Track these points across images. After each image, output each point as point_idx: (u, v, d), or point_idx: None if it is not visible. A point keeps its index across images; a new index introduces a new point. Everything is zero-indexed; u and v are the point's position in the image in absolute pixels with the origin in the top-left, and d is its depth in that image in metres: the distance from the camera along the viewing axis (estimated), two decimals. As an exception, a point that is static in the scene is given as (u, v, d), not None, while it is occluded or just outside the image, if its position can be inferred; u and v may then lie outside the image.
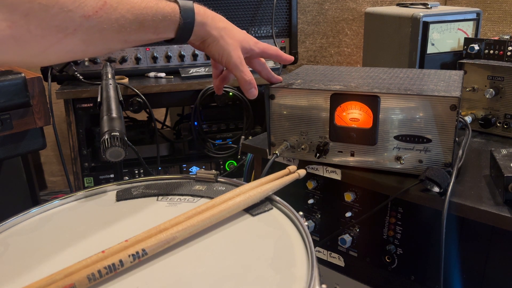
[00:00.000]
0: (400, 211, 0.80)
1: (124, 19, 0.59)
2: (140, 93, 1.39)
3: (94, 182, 1.49)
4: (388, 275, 0.85)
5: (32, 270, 0.52)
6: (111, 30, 0.58)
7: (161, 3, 0.64)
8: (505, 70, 0.96)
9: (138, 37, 0.63)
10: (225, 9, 1.52)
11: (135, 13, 0.60)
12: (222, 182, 0.73)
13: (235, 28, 0.75)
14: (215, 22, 0.72)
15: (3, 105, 1.01)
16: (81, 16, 0.54)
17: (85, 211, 0.66)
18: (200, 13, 0.69)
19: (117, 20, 0.58)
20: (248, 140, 1.01)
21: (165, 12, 0.64)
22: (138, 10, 0.61)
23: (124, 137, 0.75)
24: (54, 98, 1.35)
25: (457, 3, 1.80)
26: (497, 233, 0.70)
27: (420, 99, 0.74)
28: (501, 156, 0.75)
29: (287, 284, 0.48)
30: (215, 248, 0.55)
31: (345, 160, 0.83)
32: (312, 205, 0.93)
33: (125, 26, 0.59)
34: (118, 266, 0.49)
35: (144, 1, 0.62)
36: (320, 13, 1.94)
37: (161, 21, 0.64)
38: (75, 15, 0.54)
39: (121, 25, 0.59)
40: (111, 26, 0.58)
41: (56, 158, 2.10)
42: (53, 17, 0.52)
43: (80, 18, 0.54)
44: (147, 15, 0.62)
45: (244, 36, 0.76)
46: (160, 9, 0.64)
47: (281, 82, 0.84)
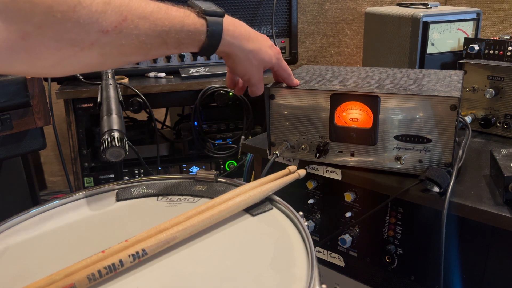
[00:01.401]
0: (400, 211, 0.80)
1: (145, 36, 0.56)
2: (140, 93, 1.38)
3: (94, 182, 1.49)
4: (388, 275, 0.85)
5: (32, 270, 0.52)
6: (131, 45, 0.55)
7: (188, 19, 0.61)
8: (505, 70, 0.96)
9: (160, 52, 0.60)
10: (225, 9, 1.51)
11: (158, 30, 0.57)
12: (222, 182, 0.73)
13: (263, 46, 0.72)
14: (243, 43, 0.69)
15: (3, 105, 1.01)
16: (98, 31, 0.51)
17: (85, 211, 0.66)
18: (229, 32, 0.66)
19: (138, 37, 0.55)
20: (248, 140, 1.01)
21: (191, 30, 0.61)
22: (161, 27, 0.57)
23: (124, 137, 0.75)
24: (54, 98, 1.35)
25: (457, 3, 1.80)
26: (497, 233, 0.70)
27: (420, 99, 0.74)
28: (501, 156, 0.75)
29: (287, 284, 0.48)
30: (215, 248, 0.55)
31: (345, 160, 0.83)
32: (312, 205, 0.93)
33: (146, 42, 0.57)
34: (118, 266, 0.49)
35: (169, 17, 0.58)
36: (320, 13, 1.94)
37: (185, 38, 0.61)
38: (92, 30, 0.51)
39: (142, 41, 0.56)
40: (130, 42, 0.55)
41: (56, 158, 2.10)
42: (69, 31, 0.49)
43: (97, 33, 0.51)
44: (171, 32, 0.59)
45: (270, 55, 0.74)
46: (186, 27, 0.60)
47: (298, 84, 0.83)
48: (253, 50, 0.71)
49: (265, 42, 0.74)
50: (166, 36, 0.58)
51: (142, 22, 0.55)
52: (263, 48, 0.72)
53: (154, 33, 0.57)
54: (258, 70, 0.73)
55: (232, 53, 0.69)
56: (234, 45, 0.68)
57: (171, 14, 0.59)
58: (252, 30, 0.72)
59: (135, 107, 1.39)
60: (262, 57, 0.72)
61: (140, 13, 0.55)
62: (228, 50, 0.68)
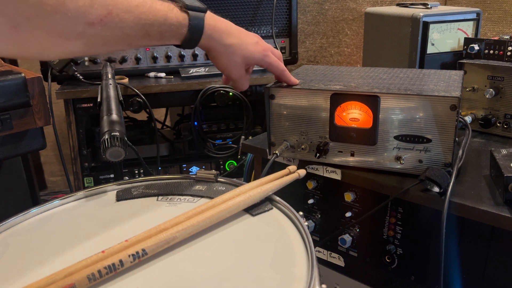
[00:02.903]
0: (400, 211, 0.80)
1: (129, 28, 0.58)
2: (140, 93, 1.38)
3: (94, 182, 1.49)
4: (388, 275, 0.85)
5: (32, 270, 0.52)
6: (115, 37, 0.58)
7: (171, 13, 0.63)
8: (505, 70, 0.96)
9: (142, 43, 0.63)
10: (225, 9, 1.52)
11: (141, 23, 0.59)
12: (222, 182, 0.73)
13: (243, 42, 0.73)
14: (223, 38, 0.70)
15: (3, 105, 1.01)
16: (85, 23, 0.54)
17: (85, 211, 0.66)
18: (209, 26, 0.68)
19: (122, 29, 0.58)
20: (248, 140, 1.01)
21: (173, 24, 0.63)
22: (145, 20, 0.60)
23: (124, 137, 0.75)
24: (54, 98, 1.35)
25: (457, 3, 1.80)
26: (497, 233, 0.70)
27: (420, 99, 0.74)
28: (501, 156, 0.75)
29: (287, 284, 0.48)
30: (215, 248, 0.55)
31: (345, 160, 0.83)
32: (312, 205, 0.93)
33: (130, 34, 0.59)
34: (118, 266, 0.49)
35: (153, 10, 0.60)
36: (320, 13, 1.94)
37: (167, 31, 0.63)
38: (79, 22, 0.53)
39: (126, 33, 0.58)
40: (115, 34, 0.57)
41: (56, 158, 2.10)
42: (57, 23, 0.52)
43: (83, 25, 0.54)
44: (154, 25, 0.61)
45: (252, 51, 0.74)
46: (169, 20, 0.63)
47: (298, 84, 0.83)
48: (232, 45, 0.71)
49: (248, 38, 0.74)
50: (149, 29, 0.61)
51: (127, 16, 0.57)
52: (243, 44, 0.73)
53: (138, 26, 0.59)
54: (238, 65, 0.74)
55: (212, 47, 0.71)
56: (214, 39, 0.70)
57: (155, 8, 0.61)
58: (236, 26, 0.73)
59: (135, 107, 1.39)
60: (242, 53, 0.73)
61: (125, 7, 0.57)
62: (208, 45, 0.70)
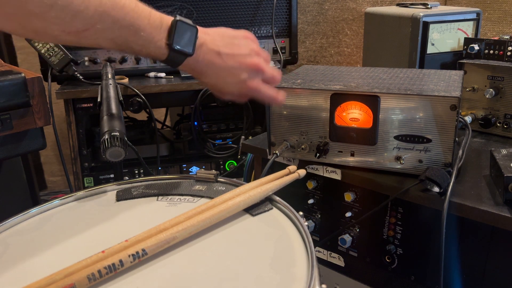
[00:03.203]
0: (400, 211, 0.80)
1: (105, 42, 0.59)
2: (140, 93, 1.38)
3: (94, 182, 1.49)
4: (388, 275, 0.85)
5: (32, 270, 0.52)
6: (87, 44, 0.58)
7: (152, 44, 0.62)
8: (505, 70, 0.96)
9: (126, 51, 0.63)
10: (225, 9, 1.52)
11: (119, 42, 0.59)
12: (222, 182, 0.73)
13: (221, 82, 0.70)
14: (199, 77, 0.70)
15: (3, 105, 1.01)
16: (61, 31, 0.54)
17: (85, 211, 0.66)
18: (185, 67, 0.66)
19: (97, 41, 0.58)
20: (248, 140, 1.01)
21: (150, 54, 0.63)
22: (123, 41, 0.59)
23: (124, 137, 0.75)
24: (54, 98, 1.35)
25: (457, 3, 1.80)
26: (497, 233, 0.70)
27: (420, 99, 0.74)
28: (501, 156, 0.75)
29: (287, 284, 0.48)
30: (215, 248, 0.55)
31: (345, 160, 0.83)
32: (312, 205, 0.93)
33: (103, 46, 0.59)
34: (118, 266, 0.49)
35: (135, 35, 0.59)
36: (320, 13, 1.94)
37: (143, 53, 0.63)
38: (55, 29, 0.54)
39: (99, 44, 0.59)
40: (87, 43, 0.58)
41: (56, 158, 2.10)
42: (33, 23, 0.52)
43: (59, 32, 0.54)
44: (131, 47, 0.61)
45: (230, 91, 0.71)
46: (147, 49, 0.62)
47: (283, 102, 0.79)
48: (210, 85, 0.71)
49: (226, 77, 0.70)
50: (125, 48, 0.61)
51: (105, 34, 0.58)
52: (219, 84, 0.70)
53: (114, 44, 0.60)
54: (228, 96, 0.73)
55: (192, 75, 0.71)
56: (192, 75, 0.70)
57: (138, 34, 0.60)
58: (217, 62, 0.68)
59: (135, 107, 1.39)
60: (219, 90, 0.72)
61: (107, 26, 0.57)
62: (186, 72, 0.70)
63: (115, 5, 0.57)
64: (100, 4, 0.55)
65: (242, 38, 0.72)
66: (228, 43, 0.69)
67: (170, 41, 0.62)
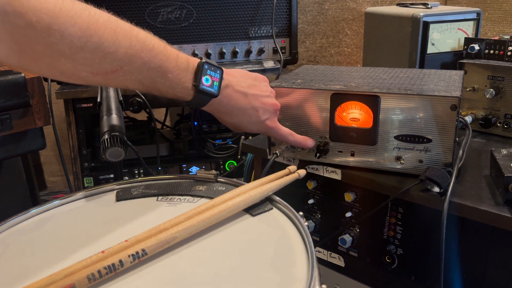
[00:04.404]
0: (400, 211, 0.80)
1: (131, 84, 0.59)
2: (140, 93, 1.38)
3: (94, 182, 1.49)
4: (388, 275, 0.85)
5: (32, 270, 0.51)
6: (114, 85, 0.60)
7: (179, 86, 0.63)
8: (505, 70, 0.96)
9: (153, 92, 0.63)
10: (225, 9, 1.52)
11: (146, 84, 0.60)
12: (222, 182, 0.73)
13: (243, 122, 0.74)
14: (222, 117, 0.72)
15: (3, 105, 1.01)
16: (89, 72, 0.54)
17: (85, 211, 0.66)
18: (210, 108, 0.69)
19: (124, 82, 0.58)
20: (248, 140, 1.01)
21: (177, 95, 0.64)
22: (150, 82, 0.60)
23: (124, 137, 0.75)
24: (54, 98, 1.35)
25: (457, 3, 1.80)
26: (497, 233, 0.70)
27: (420, 99, 0.74)
28: (501, 156, 0.75)
29: (287, 284, 0.48)
30: (215, 248, 0.55)
31: (345, 160, 0.83)
32: (312, 205, 0.93)
33: (129, 87, 0.60)
34: (118, 266, 0.49)
35: (162, 76, 0.60)
36: (320, 13, 1.94)
37: (169, 95, 0.64)
38: (83, 70, 0.54)
39: (126, 85, 0.59)
40: (115, 84, 0.58)
41: (56, 158, 2.09)
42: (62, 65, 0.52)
43: (87, 73, 0.55)
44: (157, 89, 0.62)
45: (250, 129, 0.76)
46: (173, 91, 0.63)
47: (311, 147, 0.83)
48: (231, 124, 0.74)
49: (249, 117, 0.73)
50: (151, 90, 0.62)
51: (133, 76, 0.58)
52: (243, 123, 0.74)
53: (141, 85, 0.60)
54: (243, 131, 0.77)
55: (215, 115, 0.73)
56: (213, 113, 0.72)
57: (165, 75, 0.61)
58: (243, 103, 0.72)
59: (135, 107, 1.39)
60: (241, 129, 0.75)
61: (136, 68, 0.58)
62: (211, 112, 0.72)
63: (145, 47, 0.57)
64: (130, 46, 0.56)
65: (262, 80, 0.76)
66: (251, 84, 0.73)
67: (197, 82, 0.64)
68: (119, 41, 0.54)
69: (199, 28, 1.51)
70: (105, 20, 0.54)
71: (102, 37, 0.53)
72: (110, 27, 0.54)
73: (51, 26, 0.49)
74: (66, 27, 0.50)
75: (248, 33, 1.56)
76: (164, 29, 1.48)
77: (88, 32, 0.52)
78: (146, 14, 1.46)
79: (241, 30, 1.55)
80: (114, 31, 0.54)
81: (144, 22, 1.45)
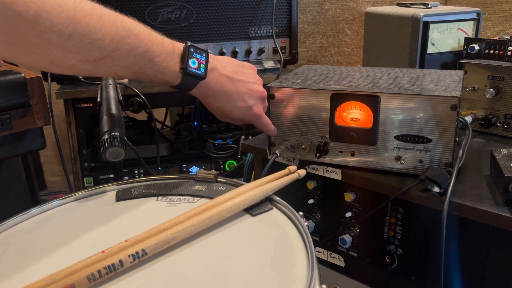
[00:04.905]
0: (400, 211, 0.80)
1: (120, 70, 0.60)
2: (140, 93, 1.38)
3: (94, 182, 1.49)
4: (388, 275, 0.85)
5: (32, 270, 0.51)
6: (104, 73, 0.60)
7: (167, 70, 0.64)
8: (505, 70, 0.96)
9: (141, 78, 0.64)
10: (225, 9, 1.52)
11: (134, 70, 0.61)
12: (222, 182, 0.73)
13: (230, 106, 0.74)
14: (209, 101, 0.73)
15: (2, 105, 1.01)
16: (78, 60, 0.55)
17: (85, 211, 0.66)
18: (198, 91, 0.69)
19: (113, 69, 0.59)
20: (248, 140, 1.01)
21: (166, 80, 0.65)
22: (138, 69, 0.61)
23: (124, 137, 0.75)
24: (54, 98, 1.35)
25: (457, 3, 1.80)
26: (497, 233, 0.70)
27: (420, 99, 0.74)
28: (501, 156, 0.75)
29: (287, 284, 0.48)
30: (215, 248, 0.55)
31: (345, 160, 0.83)
32: (312, 205, 0.93)
33: (119, 74, 0.61)
34: (118, 266, 0.49)
35: (150, 62, 0.61)
36: (320, 13, 1.94)
37: (158, 80, 0.65)
38: (73, 58, 0.55)
39: (114, 72, 0.60)
40: (104, 72, 0.59)
41: (56, 158, 2.09)
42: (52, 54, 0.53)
43: (76, 61, 0.55)
44: (146, 74, 0.63)
45: (238, 116, 0.76)
46: (161, 76, 0.64)
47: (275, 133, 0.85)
48: (218, 108, 0.74)
49: (235, 102, 0.74)
50: (140, 76, 0.63)
51: (121, 62, 0.59)
52: (228, 108, 0.75)
53: (129, 71, 0.61)
54: (230, 120, 0.77)
55: (202, 101, 0.74)
56: (200, 98, 0.72)
57: (153, 60, 0.62)
58: (229, 87, 0.72)
59: (135, 107, 1.39)
60: (228, 116, 0.76)
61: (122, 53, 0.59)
62: (198, 97, 0.73)
63: (130, 32, 0.59)
64: (116, 32, 0.57)
65: (249, 68, 0.77)
66: (237, 70, 0.74)
67: (184, 65, 0.65)
68: (106, 27, 0.55)
69: (199, 28, 1.51)
70: (90, 7, 0.54)
71: (89, 24, 0.54)
72: (96, 14, 0.55)
73: (39, 14, 0.49)
74: (54, 14, 0.50)
75: (248, 33, 1.56)
76: (164, 29, 1.48)
77: (75, 19, 0.52)
78: (146, 14, 1.46)
79: (241, 30, 1.55)
80: (100, 17, 0.55)
81: (144, 22, 1.43)
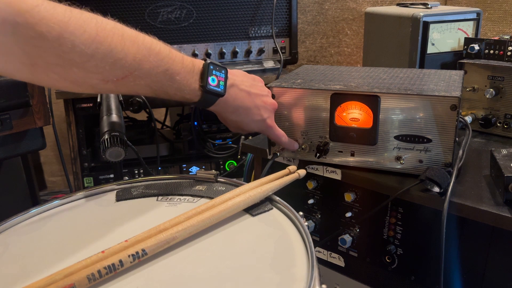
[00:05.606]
0: (400, 211, 0.80)
1: (141, 89, 0.60)
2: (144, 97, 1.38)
3: (94, 182, 1.49)
4: (388, 275, 0.85)
5: (32, 270, 0.51)
6: (125, 92, 0.60)
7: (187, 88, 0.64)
8: (505, 70, 0.96)
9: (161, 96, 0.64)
10: (225, 9, 1.52)
11: (154, 88, 0.61)
12: (222, 182, 0.73)
13: (246, 120, 0.75)
14: (227, 115, 0.74)
15: (3, 105, 1.01)
16: (100, 79, 0.55)
17: (85, 211, 0.66)
18: (217, 107, 0.70)
19: (134, 88, 0.59)
20: (248, 140, 1.01)
21: (185, 97, 0.65)
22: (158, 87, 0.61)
23: (124, 137, 0.75)
24: (54, 98, 1.35)
25: (457, 3, 1.80)
26: (497, 233, 0.70)
27: (420, 99, 0.74)
28: (501, 156, 0.75)
29: (287, 284, 0.48)
30: (215, 248, 0.55)
31: (345, 160, 0.83)
32: (312, 205, 0.93)
33: (140, 92, 0.61)
34: (118, 266, 0.49)
35: (170, 80, 0.61)
36: (320, 13, 1.94)
37: (177, 97, 0.65)
38: (94, 77, 0.55)
39: (136, 91, 0.60)
40: (125, 90, 0.59)
41: (56, 158, 2.09)
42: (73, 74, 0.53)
43: (98, 81, 0.55)
44: (166, 93, 0.63)
45: (253, 127, 0.78)
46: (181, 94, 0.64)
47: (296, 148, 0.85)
48: (235, 121, 0.75)
49: (253, 116, 0.76)
50: (160, 94, 0.63)
51: (143, 81, 0.59)
52: (245, 121, 0.76)
53: (150, 90, 0.61)
54: (243, 132, 0.79)
55: (219, 115, 0.75)
56: (219, 113, 0.73)
57: (173, 78, 0.62)
58: (247, 102, 0.74)
59: (135, 107, 1.39)
60: (243, 128, 0.77)
61: (144, 73, 0.58)
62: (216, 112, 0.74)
63: (151, 51, 0.59)
64: (137, 51, 0.57)
65: (259, 80, 0.78)
66: (252, 84, 0.76)
67: (204, 83, 0.65)
68: (127, 46, 0.55)
69: (199, 28, 1.51)
70: (112, 27, 0.55)
71: (111, 43, 0.54)
72: (117, 34, 0.55)
73: (61, 35, 0.49)
74: (77, 35, 0.50)
75: (248, 33, 1.56)
76: (164, 29, 1.48)
77: (97, 39, 0.52)
78: (146, 14, 1.46)
79: (241, 30, 1.55)
80: (121, 37, 0.55)
81: (144, 22, 1.45)
